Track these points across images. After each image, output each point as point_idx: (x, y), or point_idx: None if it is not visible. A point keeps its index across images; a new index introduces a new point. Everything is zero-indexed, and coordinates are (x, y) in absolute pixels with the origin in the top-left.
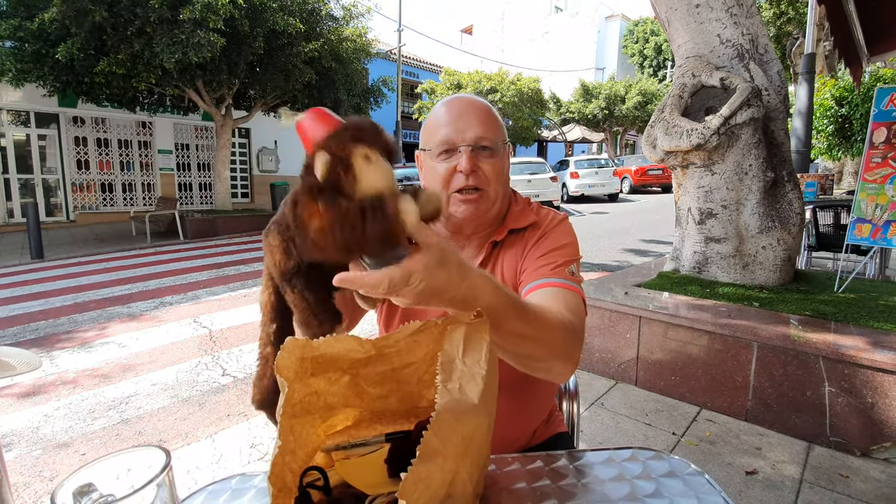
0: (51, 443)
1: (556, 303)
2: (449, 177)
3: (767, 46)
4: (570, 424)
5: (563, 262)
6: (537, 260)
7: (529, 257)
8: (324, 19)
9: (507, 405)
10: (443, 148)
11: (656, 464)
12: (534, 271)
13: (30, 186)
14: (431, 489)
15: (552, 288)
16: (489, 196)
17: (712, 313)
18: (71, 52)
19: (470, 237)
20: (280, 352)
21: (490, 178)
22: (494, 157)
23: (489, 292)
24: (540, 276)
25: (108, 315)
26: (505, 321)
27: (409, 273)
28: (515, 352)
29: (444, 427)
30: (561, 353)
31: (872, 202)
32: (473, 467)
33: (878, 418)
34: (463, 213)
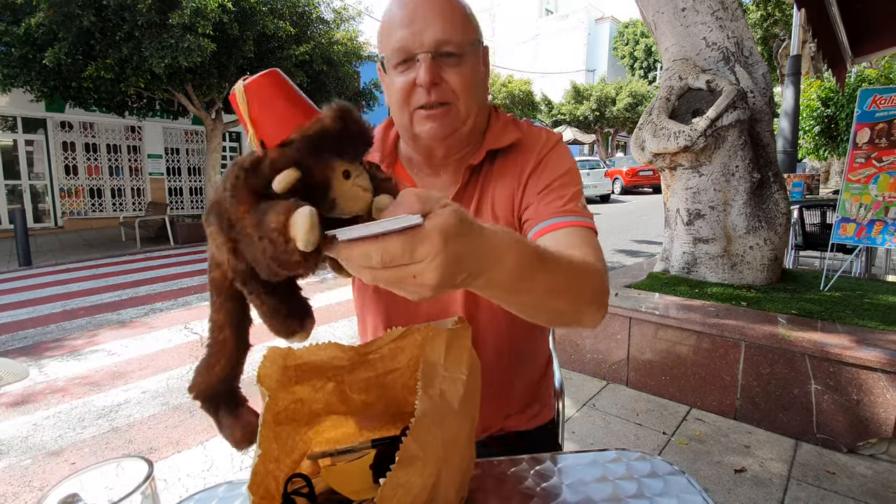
0: (40, 452)
1: (576, 244)
2: (409, 92)
3: (753, 49)
4: (556, 422)
5: (573, 195)
6: (542, 194)
7: (530, 190)
8: (314, 22)
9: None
10: (399, 58)
11: (639, 464)
12: (542, 207)
13: (17, 192)
14: (412, 494)
15: (568, 228)
16: (458, 111)
17: (701, 313)
18: (58, 56)
19: (444, 162)
20: (262, 361)
21: (458, 90)
22: (462, 65)
23: (513, 248)
24: (551, 215)
25: (97, 322)
26: (532, 278)
27: (413, 243)
28: (545, 309)
29: (423, 432)
30: (593, 299)
31: (857, 202)
32: (456, 472)
33: (863, 415)
34: (428, 132)
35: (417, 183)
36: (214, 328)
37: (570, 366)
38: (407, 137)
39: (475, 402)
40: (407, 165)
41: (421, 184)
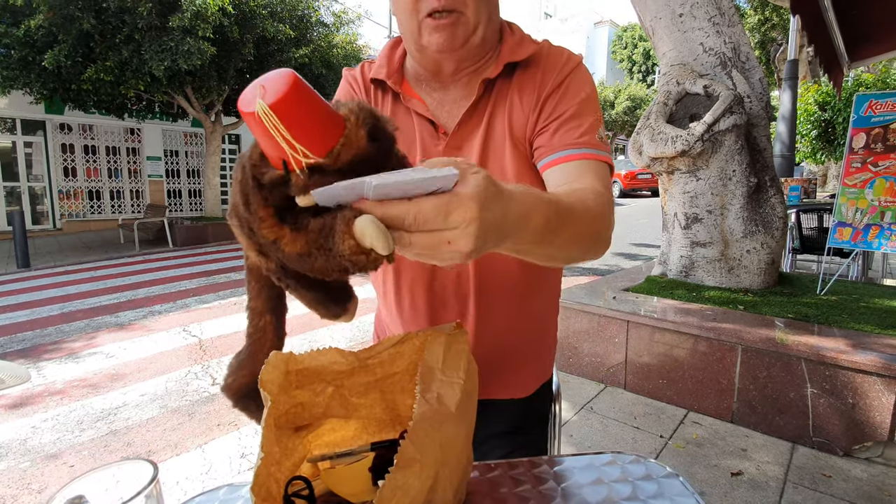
0: (39, 455)
1: (588, 178)
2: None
3: (749, 54)
4: (552, 425)
5: (590, 126)
6: (558, 122)
7: (546, 111)
8: (314, 26)
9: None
10: None
11: (634, 467)
12: (557, 138)
13: (16, 194)
14: (410, 496)
15: (583, 161)
16: (468, 19)
17: (698, 317)
18: (58, 58)
19: (454, 77)
20: (264, 367)
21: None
22: None
23: (539, 209)
24: (565, 146)
25: (95, 325)
26: (555, 233)
27: (448, 207)
28: (558, 257)
29: (421, 436)
30: (601, 241)
31: (853, 206)
32: (453, 474)
33: (859, 418)
34: (437, 42)
35: (426, 100)
36: (254, 315)
37: (568, 369)
38: (414, 50)
39: (472, 406)
40: (414, 83)
41: (429, 99)
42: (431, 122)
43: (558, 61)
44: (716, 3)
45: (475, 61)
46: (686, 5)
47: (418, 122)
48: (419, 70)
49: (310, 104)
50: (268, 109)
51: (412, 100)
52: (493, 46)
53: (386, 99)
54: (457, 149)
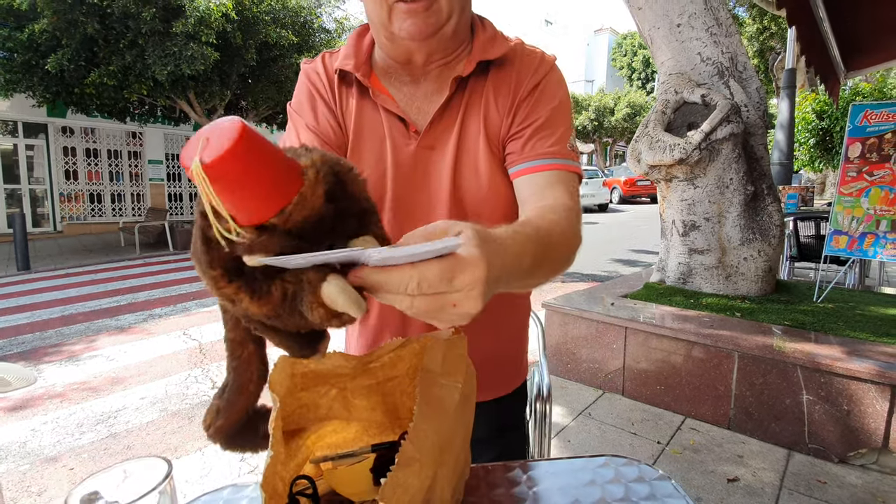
0: (38, 457)
1: (558, 190)
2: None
3: (746, 64)
4: (542, 427)
5: (563, 133)
6: (534, 128)
7: (520, 117)
8: (316, 32)
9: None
10: None
11: (626, 469)
12: (529, 147)
13: (16, 196)
14: (410, 493)
15: (554, 171)
16: (441, 6)
17: (695, 324)
18: (61, 62)
19: (425, 69)
20: (273, 369)
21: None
22: None
23: (528, 250)
24: (539, 155)
25: (96, 328)
26: (541, 266)
27: (453, 271)
28: (538, 283)
29: (421, 436)
30: (571, 258)
31: (849, 215)
32: (451, 474)
33: (854, 425)
34: (409, 29)
35: (395, 94)
36: (234, 346)
37: (566, 375)
38: (384, 37)
39: (470, 408)
40: (382, 76)
41: (399, 94)
42: (402, 119)
43: (532, 62)
44: (713, 14)
45: (446, 53)
46: (684, 16)
47: (387, 119)
48: (388, 61)
49: (258, 160)
50: (201, 171)
51: (381, 95)
52: (464, 39)
53: (351, 93)
54: (429, 148)
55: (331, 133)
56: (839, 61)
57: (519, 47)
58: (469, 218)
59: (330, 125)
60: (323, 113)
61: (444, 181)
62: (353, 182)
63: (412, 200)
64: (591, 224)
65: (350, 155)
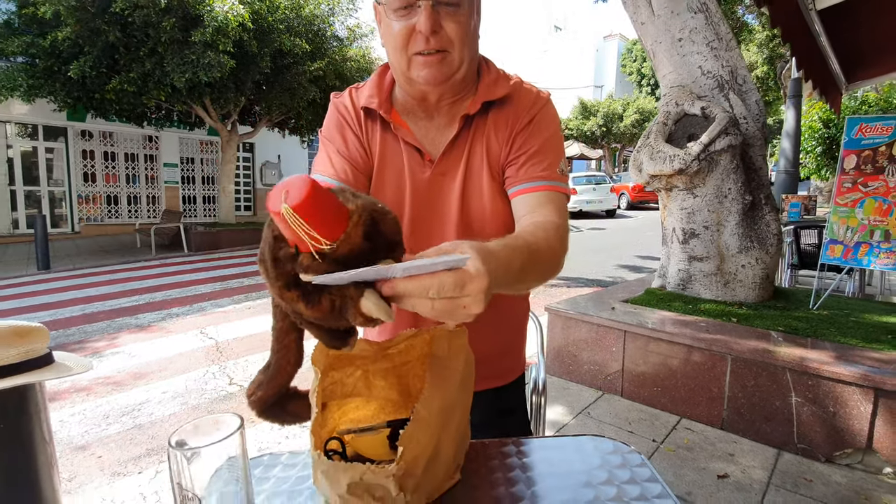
0: (68, 446)
1: (548, 209)
2: (407, 37)
3: (746, 77)
4: (537, 416)
5: (554, 160)
6: (525, 155)
7: (516, 146)
8: (329, 40)
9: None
10: (400, 3)
11: (604, 444)
12: (523, 170)
13: (35, 198)
14: (421, 445)
15: (545, 192)
16: (453, 58)
17: (692, 328)
18: (83, 69)
19: (437, 106)
20: (315, 349)
21: (454, 38)
22: (459, 14)
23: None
24: (532, 178)
25: (117, 326)
26: (530, 271)
27: (464, 280)
28: (527, 287)
29: (429, 403)
30: (557, 267)
31: (844, 224)
32: (452, 440)
33: (840, 426)
34: (425, 77)
35: (412, 127)
36: (280, 334)
37: (567, 376)
38: (402, 81)
39: (469, 387)
40: (402, 111)
41: (416, 127)
42: (418, 149)
43: (528, 100)
44: (714, 29)
45: (456, 93)
46: (685, 31)
47: (406, 150)
48: (406, 99)
49: (323, 205)
50: (290, 211)
51: (401, 128)
52: (472, 81)
53: (375, 126)
54: (441, 175)
55: (359, 158)
56: (839, 74)
57: (517, 85)
58: (475, 233)
59: (358, 152)
60: (352, 141)
61: (454, 203)
62: (386, 224)
63: (427, 219)
64: (599, 230)
65: (374, 179)
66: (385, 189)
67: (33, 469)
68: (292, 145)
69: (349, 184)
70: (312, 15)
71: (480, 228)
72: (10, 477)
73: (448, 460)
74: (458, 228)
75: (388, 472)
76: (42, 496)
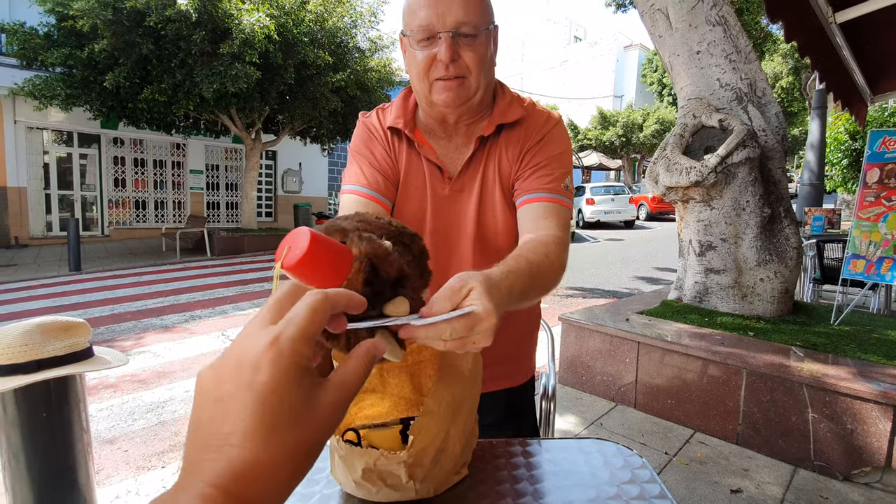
0: (96, 440)
1: (551, 220)
2: (429, 64)
3: (766, 90)
4: (545, 422)
5: (560, 175)
6: (535, 169)
7: (526, 162)
8: (351, 51)
9: None
10: (422, 35)
11: (608, 447)
12: (532, 180)
13: (68, 202)
14: (430, 436)
15: (548, 203)
16: (470, 84)
17: (708, 341)
18: (118, 80)
19: (455, 127)
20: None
21: (471, 66)
22: (476, 44)
23: (519, 281)
24: (537, 189)
25: (143, 326)
26: (531, 290)
27: (473, 322)
28: (529, 303)
29: (439, 396)
30: (558, 281)
31: (866, 239)
32: (461, 434)
33: (858, 444)
34: (444, 100)
35: (433, 146)
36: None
37: (580, 386)
38: (424, 104)
39: (477, 385)
40: (424, 131)
41: (436, 146)
42: (439, 167)
43: (539, 120)
44: (733, 42)
45: (472, 115)
46: (703, 43)
47: (428, 167)
48: (428, 120)
49: (322, 260)
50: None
51: (424, 147)
52: (487, 104)
53: (401, 144)
54: (459, 191)
55: (388, 168)
56: (864, 86)
57: (530, 108)
58: (489, 245)
59: (387, 163)
60: (381, 154)
61: (471, 217)
62: (387, 265)
63: (446, 231)
64: (616, 241)
65: (399, 193)
66: (408, 203)
67: (72, 455)
68: (313, 153)
69: (380, 191)
70: (336, 27)
71: (494, 240)
72: (52, 461)
73: (456, 455)
74: (475, 241)
75: (400, 459)
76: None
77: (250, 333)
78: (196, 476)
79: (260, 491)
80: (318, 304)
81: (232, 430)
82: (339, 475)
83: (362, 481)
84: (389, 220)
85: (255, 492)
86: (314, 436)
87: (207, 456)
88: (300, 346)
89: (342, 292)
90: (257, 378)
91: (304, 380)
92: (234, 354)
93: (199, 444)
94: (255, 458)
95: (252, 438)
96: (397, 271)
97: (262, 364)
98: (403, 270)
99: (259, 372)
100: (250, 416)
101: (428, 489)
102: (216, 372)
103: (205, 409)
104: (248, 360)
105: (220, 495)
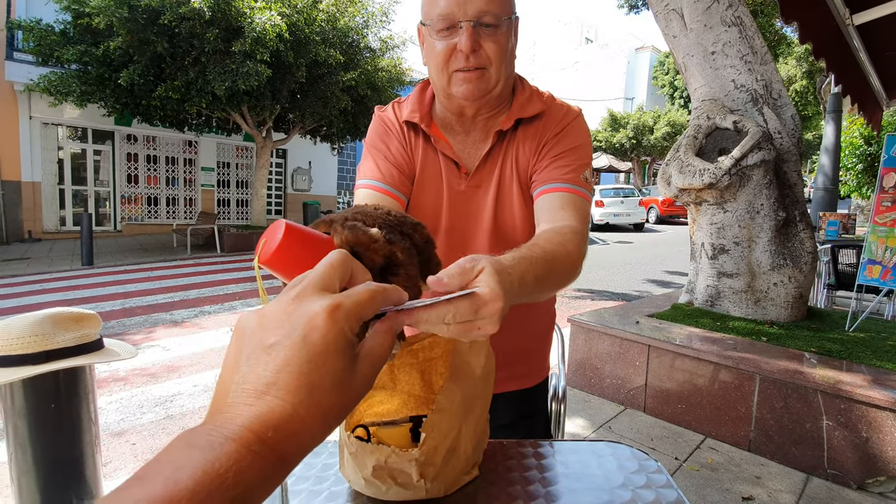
0: (105, 432)
1: (568, 211)
2: (449, 55)
3: (781, 91)
4: (556, 424)
5: (579, 167)
6: (554, 159)
7: (545, 153)
8: (362, 51)
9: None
10: (443, 24)
11: (620, 450)
12: (549, 172)
13: (81, 197)
14: (441, 434)
15: (566, 193)
16: (491, 76)
17: (720, 346)
18: (132, 77)
19: (473, 121)
20: None
21: (492, 57)
22: (498, 35)
23: (531, 269)
24: (555, 179)
25: (153, 321)
26: (545, 280)
27: (477, 305)
28: (546, 295)
29: (451, 394)
30: (576, 273)
31: (882, 244)
32: (472, 433)
33: (873, 452)
34: (464, 92)
35: (450, 140)
36: None
37: (589, 389)
38: (442, 96)
39: (490, 384)
40: (441, 125)
41: (453, 141)
42: (456, 162)
43: (558, 115)
44: (748, 43)
45: (491, 109)
46: (718, 44)
47: (444, 162)
48: (445, 114)
49: (296, 252)
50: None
51: (440, 141)
52: (507, 98)
53: (418, 138)
54: (476, 187)
55: (403, 163)
56: (880, 89)
57: (549, 101)
58: (506, 241)
59: (403, 157)
60: (396, 148)
61: (488, 213)
62: (371, 253)
63: (462, 228)
64: (626, 243)
65: (415, 189)
66: (424, 198)
67: (79, 447)
68: (323, 152)
69: (395, 185)
70: (347, 27)
71: (511, 236)
72: (59, 453)
73: (467, 455)
74: (491, 237)
75: (411, 457)
76: (85, 474)
77: (301, 295)
78: (231, 417)
79: (291, 444)
80: (377, 293)
81: (275, 382)
82: (348, 472)
83: (372, 479)
84: (389, 210)
85: (287, 444)
86: (348, 403)
87: (246, 400)
88: (353, 321)
89: (396, 289)
90: (312, 336)
91: (349, 350)
92: (282, 308)
93: (237, 388)
94: (294, 412)
95: (296, 394)
96: (384, 259)
97: (318, 324)
98: (395, 258)
99: (315, 330)
100: (297, 372)
101: (438, 489)
102: (262, 321)
103: (246, 354)
104: (304, 318)
105: (256, 441)
